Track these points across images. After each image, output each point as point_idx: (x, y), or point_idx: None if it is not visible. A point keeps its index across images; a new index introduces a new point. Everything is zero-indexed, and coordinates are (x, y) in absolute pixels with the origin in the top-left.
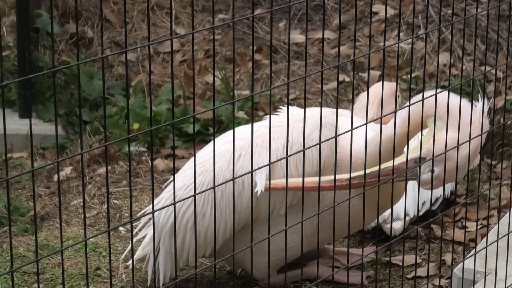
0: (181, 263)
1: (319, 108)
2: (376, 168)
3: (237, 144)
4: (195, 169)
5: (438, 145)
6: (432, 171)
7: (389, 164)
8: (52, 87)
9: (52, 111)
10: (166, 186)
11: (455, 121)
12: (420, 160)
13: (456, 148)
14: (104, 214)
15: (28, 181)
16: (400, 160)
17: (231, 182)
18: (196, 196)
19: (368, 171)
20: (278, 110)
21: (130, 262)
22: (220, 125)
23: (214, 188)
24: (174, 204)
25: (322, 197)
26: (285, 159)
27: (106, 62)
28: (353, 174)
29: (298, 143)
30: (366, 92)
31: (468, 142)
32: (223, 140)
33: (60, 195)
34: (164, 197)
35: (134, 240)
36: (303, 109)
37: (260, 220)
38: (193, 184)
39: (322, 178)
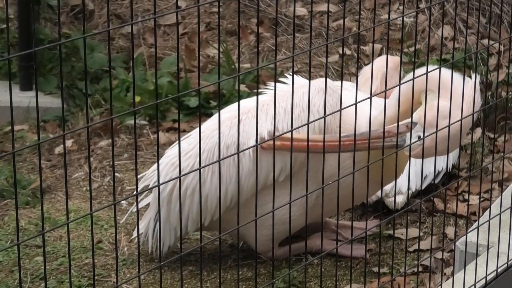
0: (179, 232)
1: (322, 78)
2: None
3: (240, 110)
4: (200, 142)
5: (429, 112)
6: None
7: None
8: (53, 60)
9: (52, 84)
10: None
11: (447, 93)
12: (411, 125)
13: (444, 117)
14: (105, 187)
15: (30, 154)
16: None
17: (232, 147)
18: (196, 163)
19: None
20: (281, 79)
21: (134, 236)
22: (222, 98)
23: (219, 161)
24: (179, 178)
25: (322, 170)
26: (288, 124)
27: (106, 34)
28: (344, 134)
29: (299, 107)
30: (369, 65)
31: (456, 114)
32: (224, 111)
33: (66, 169)
34: (162, 163)
35: (135, 213)
36: (305, 79)
37: (260, 189)
38: (192, 150)
39: (318, 136)
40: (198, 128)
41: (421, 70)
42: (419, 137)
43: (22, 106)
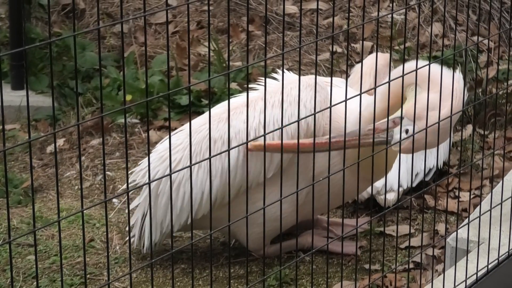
0: (165, 228)
1: (312, 76)
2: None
3: (226, 107)
4: (191, 139)
5: (416, 106)
6: (406, 130)
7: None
8: (44, 59)
9: (44, 83)
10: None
11: (436, 86)
12: (401, 120)
13: (430, 109)
14: (97, 185)
15: (21, 153)
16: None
17: (219, 142)
18: (183, 157)
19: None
20: (274, 74)
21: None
22: (213, 96)
23: (210, 158)
24: (170, 175)
25: (311, 167)
26: (274, 119)
27: (98, 33)
28: (334, 134)
29: (286, 102)
30: (361, 63)
31: (445, 106)
32: (214, 108)
33: (57, 166)
34: (151, 156)
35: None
36: (296, 75)
37: (249, 187)
38: (180, 145)
39: (303, 139)
40: (187, 124)
41: (406, 65)
42: (407, 131)
43: (13, 105)
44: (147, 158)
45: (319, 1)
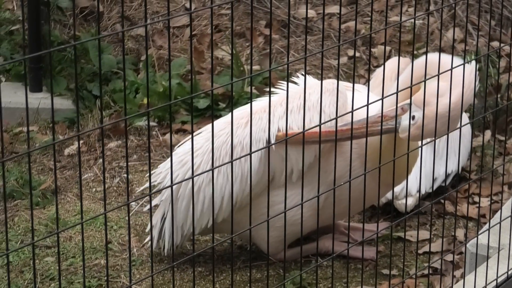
0: (185, 231)
1: (330, 80)
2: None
3: (247, 111)
4: (213, 143)
5: (425, 93)
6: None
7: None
8: (62, 61)
9: (62, 85)
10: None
11: (445, 74)
12: (411, 107)
13: (439, 95)
14: (114, 188)
15: (39, 155)
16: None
17: (238, 148)
18: (203, 161)
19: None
20: (294, 77)
21: (147, 239)
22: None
23: (232, 162)
24: (192, 178)
25: (330, 171)
26: (293, 124)
27: (115, 36)
28: (342, 122)
29: (305, 107)
30: (381, 68)
31: (454, 93)
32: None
33: (80, 169)
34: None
35: (145, 213)
36: (317, 80)
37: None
38: (200, 150)
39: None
40: (204, 127)
41: (421, 58)
42: (413, 117)
43: (31, 107)
44: (165, 161)
45: (340, 6)
